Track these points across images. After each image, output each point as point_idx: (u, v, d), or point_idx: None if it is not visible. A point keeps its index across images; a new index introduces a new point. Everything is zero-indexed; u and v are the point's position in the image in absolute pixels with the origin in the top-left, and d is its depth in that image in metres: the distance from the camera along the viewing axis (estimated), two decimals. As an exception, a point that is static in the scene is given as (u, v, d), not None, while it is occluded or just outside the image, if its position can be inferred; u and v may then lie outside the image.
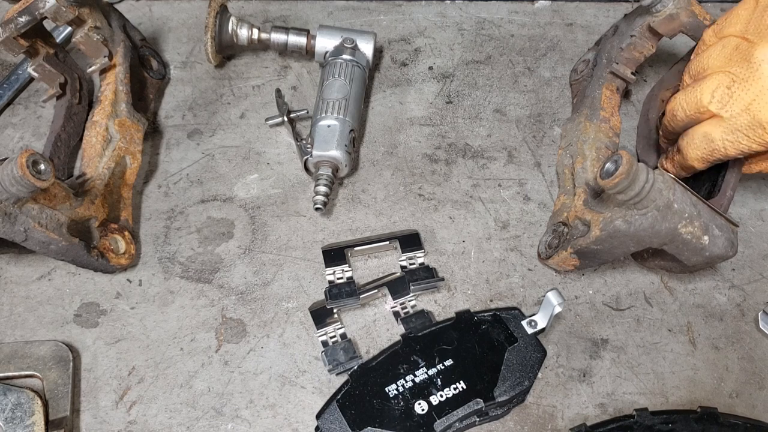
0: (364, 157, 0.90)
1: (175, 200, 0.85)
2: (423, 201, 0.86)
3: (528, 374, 0.68)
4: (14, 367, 0.70)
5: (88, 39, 0.81)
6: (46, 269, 0.79)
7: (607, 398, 0.72)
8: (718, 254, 0.66)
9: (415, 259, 0.79)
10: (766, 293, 0.79)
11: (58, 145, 0.84)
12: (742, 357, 0.75)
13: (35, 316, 0.76)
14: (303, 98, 0.95)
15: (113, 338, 0.75)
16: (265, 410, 0.71)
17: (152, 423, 0.70)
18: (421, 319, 0.75)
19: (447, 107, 0.95)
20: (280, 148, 0.90)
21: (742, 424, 0.67)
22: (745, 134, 0.64)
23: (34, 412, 0.66)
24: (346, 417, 0.65)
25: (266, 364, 0.74)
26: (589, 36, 1.03)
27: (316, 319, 0.75)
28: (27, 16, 0.75)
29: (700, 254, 0.66)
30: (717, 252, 0.66)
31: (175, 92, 0.96)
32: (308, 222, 0.84)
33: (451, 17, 1.05)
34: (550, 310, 0.70)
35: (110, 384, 0.72)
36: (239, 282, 0.79)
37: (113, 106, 0.82)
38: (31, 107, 0.94)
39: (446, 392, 0.67)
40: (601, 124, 0.81)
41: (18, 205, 0.65)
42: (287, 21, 1.04)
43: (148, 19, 1.04)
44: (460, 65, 0.99)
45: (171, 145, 0.90)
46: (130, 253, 0.78)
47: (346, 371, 0.71)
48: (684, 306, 0.78)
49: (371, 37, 0.92)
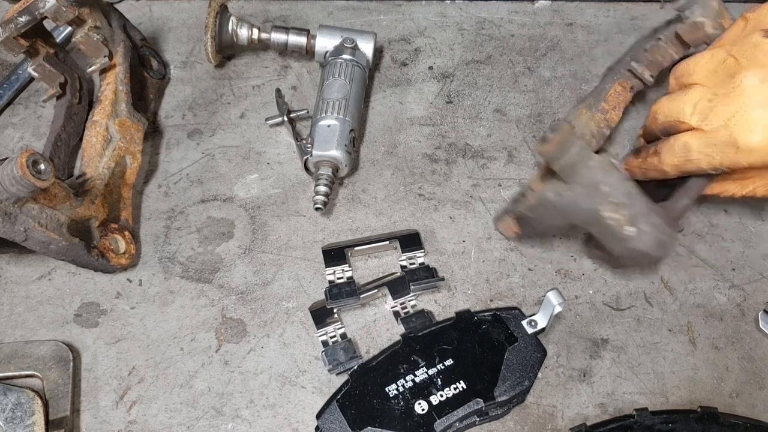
0: (364, 157, 0.90)
1: (175, 200, 0.85)
2: (423, 201, 0.86)
3: (528, 374, 0.68)
4: (14, 367, 0.70)
5: (88, 39, 0.81)
6: (46, 269, 0.79)
7: (607, 398, 0.72)
8: (642, 250, 0.67)
9: (415, 258, 0.80)
10: (766, 293, 0.79)
11: (58, 145, 0.84)
12: (743, 357, 0.75)
13: (35, 316, 0.76)
14: (303, 98, 0.95)
15: (113, 338, 0.75)
16: (265, 410, 0.71)
17: (152, 423, 0.70)
18: (421, 319, 0.75)
19: (447, 107, 0.95)
20: (280, 148, 0.90)
21: (742, 424, 0.67)
22: (720, 150, 0.64)
23: (34, 412, 0.66)
24: (346, 417, 0.65)
25: (266, 363, 0.74)
26: (589, 36, 1.03)
27: (316, 319, 0.75)
28: (27, 16, 0.75)
29: (622, 245, 0.67)
30: (641, 247, 0.66)
31: (175, 92, 0.96)
32: (308, 222, 0.84)
33: (451, 17, 1.05)
34: (550, 309, 0.70)
35: (110, 384, 0.72)
36: (239, 282, 0.79)
37: (113, 106, 0.82)
38: (31, 107, 0.94)
39: (446, 392, 0.67)
40: (596, 114, 0.81)
41: (18, 205, 0.65)
42: (287, 21, 1.04)
43: (148, 19, 1.04)
44: (460, 65, 0.99)
45: (171, 145, 0.90)
46: (130, 253, 0.78)
47: (346, 371, 0.71)
48: (684, 306, 0.78)
49: (371, 36, 0.92)
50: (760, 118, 0.61)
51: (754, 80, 0.62)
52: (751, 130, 0.62)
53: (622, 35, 1.03)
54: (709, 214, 0.84)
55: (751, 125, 0.62)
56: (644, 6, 1.06)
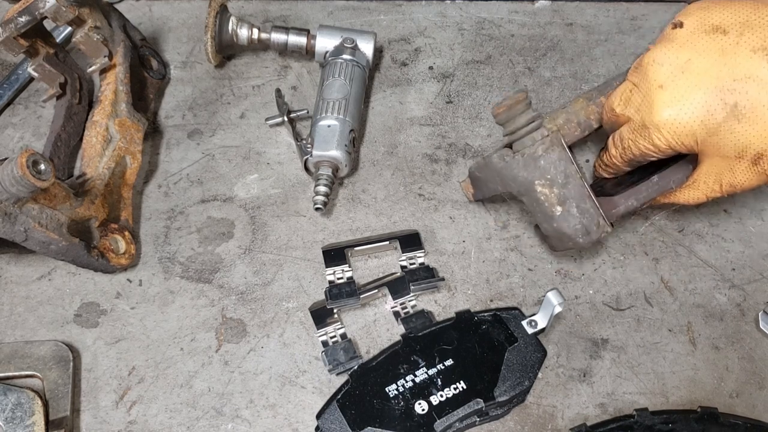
0: (364, 157, 0.90)
1: (175, 200, 0.85)
2: (423, 201, 0.86)
3: (528, 374, 0.68)
4: (14, 367, 0.70)
5: (88, 39, 0.81)
6: (46, 269, 0.79)
7: (607, 398, 0.72)
8: (566, 233, 0.70)
9: (415, 259, 0.79)
10: (766, 293, 0.79)
11: (58, 145, 0.84)
12: (743, 357, 0.75)
13: (35, 316, 0.76)
14: (303, 98, 0.95)
15: (113, 338, 0.75)
16: (265, 410, 0.71)
17: (152, 423, 0.70)
18: (421, 319, 0.75)
19: (447, 107, 0.95)
20: (280, 148, 0.90)
21: (742, 424, 0.67)
22: (639, 134, 0.68)
23: (34, 412, 0.66)
24: (346, 417, 0.65)
25: (266, 364, 0.74)
26: (589, 36, 1.03)
27: (316, 319, 0.75)
28: (27, 16, 0.75)
29: (549, 222, 0.70)
30: (565, 229, 0.69)
31: (175, 92, 0.96)
32: (308, 222, 0.84)
33: (451, 17, 1.05)
34: (550, 310, 0.70)
35: (110, 384, 0.72)
36: (239, 282, 0.79)
37: (113, 106, 0.82)
38: (31, 107, 0.94)
39: (446, 392, 0.67)
40: (591, 106, 0.80)
41: (18, 205, 0.65)
42: (287, 21, 1.04)
43: (148, 19, 1.04)
44: (460, 65, 0.99)
45: (171, 145, 0.90)
46: (130, 253, 0.78)
47: (346, 371, 0.70)
48: (684, 306, 0.78)
49: (371, 36, 0.92)
50: (660, 98, 0.65)
51: (654, 63, 0.66)
52: (653, 110, 0.65)
53: (622, 35, 1.03)
54: (709, 214, 0.85)
55: (653, 105, 0.65)
56: (644, 6, 1.06)
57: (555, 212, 0.69)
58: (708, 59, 0.63)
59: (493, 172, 0.72)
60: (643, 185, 0.74)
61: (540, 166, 0.67)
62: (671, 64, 0.65)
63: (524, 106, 0.68)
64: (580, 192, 0.68)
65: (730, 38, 0.63)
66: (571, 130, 0.77)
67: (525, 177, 0.68)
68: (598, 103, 0.80)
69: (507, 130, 0.69)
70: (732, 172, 0.67)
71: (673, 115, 0.64)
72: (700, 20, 0.65)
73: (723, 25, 0.64)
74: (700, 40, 0.65)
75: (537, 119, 0.69)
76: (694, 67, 0.64)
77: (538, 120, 0.69)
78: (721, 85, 0.62)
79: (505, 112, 0.68)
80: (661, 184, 0.74)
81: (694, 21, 0.66)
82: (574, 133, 0.77)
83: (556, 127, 0.77)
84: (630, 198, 0.74)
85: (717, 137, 0.64)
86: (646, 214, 0.84)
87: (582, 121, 0.78)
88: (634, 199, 0.74)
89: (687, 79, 0.64)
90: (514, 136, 0.69)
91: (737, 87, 0.62)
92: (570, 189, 0.68)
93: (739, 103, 0.62)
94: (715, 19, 0.65)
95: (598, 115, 0.79)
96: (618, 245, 0.82)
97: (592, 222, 0.69)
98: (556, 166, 0.68)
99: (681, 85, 0.64)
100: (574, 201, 0.68)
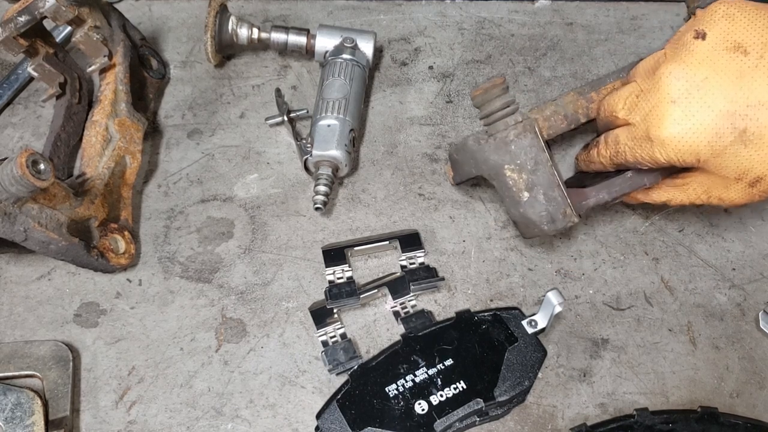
0: (364, 156, 0.90)
1: (175, 200, 0.85)
2: (423, 201, 0.86)
3: (528, 374, 0.68)
4: (14, 367, 0.70)
5: (88, 38, 0.81)
6: (46, 269, 0.79)
7: (607, 398, 0.72)
8: (531, 219, 0.70)
9: (415, 258, 0.79)
10: (766, 293, 0.79)
11: (57, 145, 0.84)
12: (743, 357, 0.74)
13: (35, 316, 0.76)
14: (303, 98, 0.95)
15: (113, 338, 0.75)
16: (265, 410, 0.71)
17: (152, 423, 0.70)
18: (421, 319, 0.74)
19: (447, 107, 0.95)
20: (280, 148, 0.90)
21: (742, 424, 0.67)
22: (640, 143, 0.67)
23: (34, 412, 0.66)
24: (346, 417, 0.65)
25: (266, 364, 0.74)
26: (589, 36, 1.03)
27: (316, 319, 0.75)
28: (27, 16, 0.75)
29: (516, 207, 0.70)
30: (530, 215, 0.70)
31: (175, 92, 0.96)
32: (308, 222, 0.84)
33: (451, 17, 1.05)
34: (551, 309, 0.70)
35: (110, 384, 0.72)
36: (239, 282, 0.79)
37: (113, 106, 0.82)
38: (30, 107, 0.94)
39: (446, 392, 0.67)
40: (581, 100, 0.80)
41: (18, 204, 0.65)
42: (287, 20, 1.04)
43: (148, 19, 1.04)
44: (460, 65, 0.99)
45: (171, 145, 0.90)
46: (130, 253, 0.78)
47: (346, 371, 0.70)
48: (684, 306, 0.78)
49: (371, 36, 0.92)
50: (670, 114, 0.63)
51: (670, 76, 0.64)
52: (662, 124, 0.64)
53: (622, 35, 1.03)
54: (709, 214, 0.85)
55: (662, 120, 0.64)
56: (644, 6, 1.06)
57: (522, 198, 0.69)
58: (725, 80, 0.62)
59: (468, 154, 0.72)
60: (617, 179, 0.73)
61: (510, 150, 0.68)
62: (687, 81, 0.63)
63: (500, 91, 0.68)
64: (549, 180, 0.68)
65: (750, 60, 0.62)
66: (558, 122, 0.77)
67: (495, 160, 0.69)
68: (588, 98, 0.80)
69: (482, 113, 0.70)
70: (726, 189, 0.67)
71: (681, 132, 0.63)
72: (724, 34, 0.64)
73: (745, 44, 0.63)
74: (720, 58, 0.63)
75: (512, 104, 0.69)
76: (709, 86, 0.62)
77: (513, 105, 0.69)
78: (734, 109, 0.62)
79: (482, 95, 0.68)
80: (635, 179, 0.73)
81: (717, 34, 0.64)
82: (560, 125, 0.77)
83: (542, 117, 0.77)
84: (602, 191, 0.73)
85: (720, 159, 0.63)
86: (646, 214, 0.84)
87: (569, 114, 0.78)
88: (606, 192, 0.73)
89: (701, 98, 0.62)
90: (488, 120, 0.69)
91: (749, 113, 0.61)
92: (539, 176, 0.68)
93: (749, 128, 0.61)
94: (738, 36, 0.63)
95: (587, 110, 0.79)
96: (618, 245, 0.82)
97: (558, 210, 0.69)
98: (526, 152, 0.68)
99: (694, 103, 0.62)
100: (542, 188, 0.68)
